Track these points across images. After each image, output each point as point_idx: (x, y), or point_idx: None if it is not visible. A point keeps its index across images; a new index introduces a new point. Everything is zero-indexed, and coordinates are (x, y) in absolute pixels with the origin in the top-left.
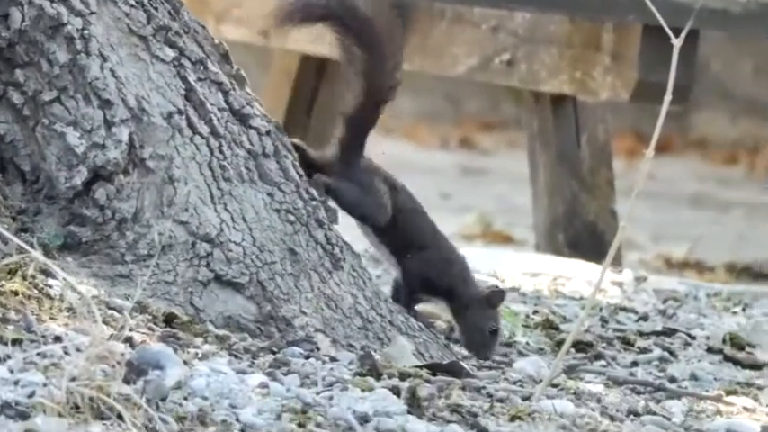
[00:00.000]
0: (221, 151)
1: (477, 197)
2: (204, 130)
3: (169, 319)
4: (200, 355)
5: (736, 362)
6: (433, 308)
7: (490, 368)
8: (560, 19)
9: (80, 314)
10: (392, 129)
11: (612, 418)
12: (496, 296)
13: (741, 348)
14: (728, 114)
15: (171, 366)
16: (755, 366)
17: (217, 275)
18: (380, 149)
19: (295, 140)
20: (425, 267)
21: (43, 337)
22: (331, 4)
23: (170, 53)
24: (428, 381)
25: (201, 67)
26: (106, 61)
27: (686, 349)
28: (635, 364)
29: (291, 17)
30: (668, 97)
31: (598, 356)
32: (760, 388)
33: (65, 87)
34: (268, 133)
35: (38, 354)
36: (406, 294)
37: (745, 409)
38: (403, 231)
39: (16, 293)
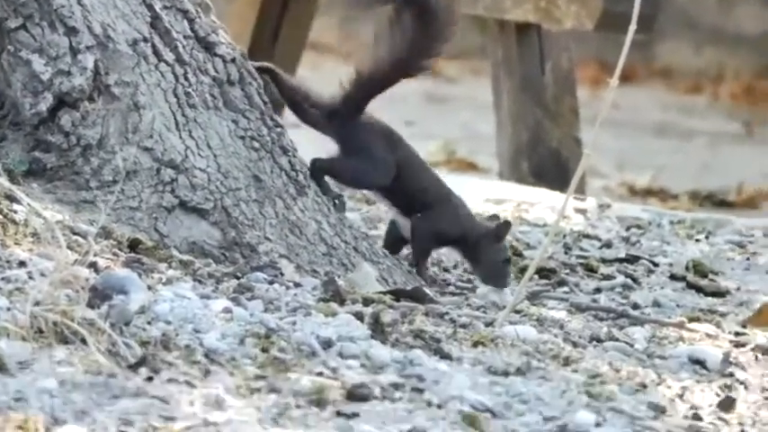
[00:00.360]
0: (186, 78)
1: (441, 125)
2: (169, 57)
3: (133, 245)
4: (164, 281)
5: (698, 289)
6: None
7: (453, 294)
8: None
9: (44, 239)
10: (355, 56)
11: (575, 345)
12: (503, 229)
13: (704, 275)
14: (693, 44)
15: (135, 291)
16: (718, 293)
17: (181, 201)
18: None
19: (267, 64)
20: (437, 224)
21: (8, 262)
22: None
23: None
24: (391, 306)
25: None
26: None
27: (649, 276)
28: (598, 290)
29: (360, 3)
30: (633, 26)
31: (561, 283)
32: (722, 315)
33: (30, 15)
34: (233, 61)
35: (2, 278)
36: (417, 251)
37: (708, 335)
38: (404, 182)
39: None
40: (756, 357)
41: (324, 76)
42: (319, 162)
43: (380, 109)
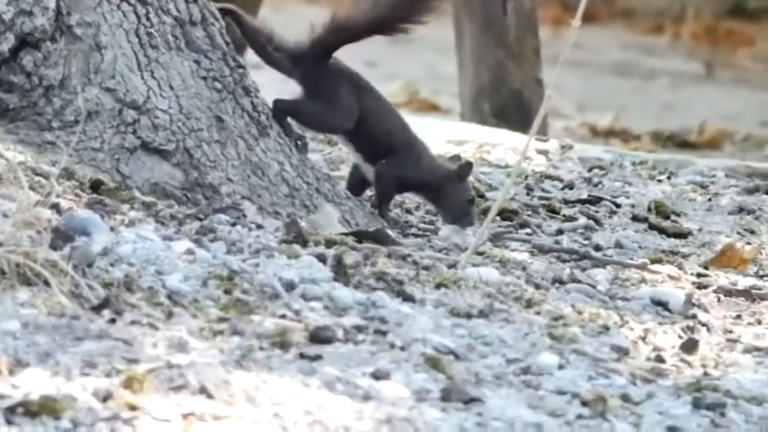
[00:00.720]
0: (148, 18)
1: (403, 65)
2: None
3: (96, 186)
4: (126, 222)
5: (661, 230)
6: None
7: (415, 236)
8: None
9: (7, 180)
10: None
11: (538, 286)
12: (465, 170)
13: (666, 217)
14: None
15: (98, 233)
16: (680, 234)
17: (143, 142)
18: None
19: (230, 6)
20: (401, 170)
21: None
22: None
23: None
24: (354, 248)
25: None
26: None
27: (611, 217)
28: (560, 232)
29: None
30: None
31: (523, 224)
32: (684, 256)
33: None
34: (195, 1)
35: None
36: (380, 196)
37: (670, 277)
38: (369, 126)
39: None
40: (719, 299)
41: (287, 19)
42: (281, 103)
43: (342, 49)
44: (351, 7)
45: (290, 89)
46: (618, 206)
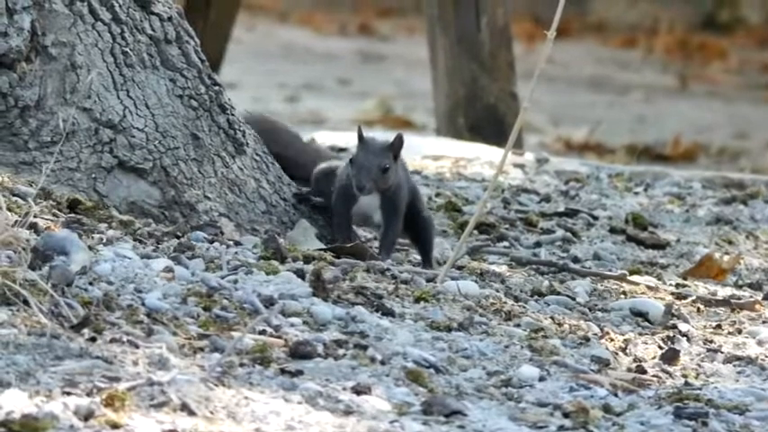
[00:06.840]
0: (123, 37)
1: (376, 83)
2: (106, 16)
3: (73, 205)
4: (104, 241)
5: (638, 242)
6: None
7: (395, 251)
8: None
9: None
10: (288, 15)
11: (517, 299)
12: None
13: (644, 228)
14: None
15: (76, 252)
16: (658, 246)
17: (120, 161)
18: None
19: None
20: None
21: None
22: None
23: None
24: (332, 263)
25: None
26: None
27: (589, 230)
28: (538, 245)
29: None
30: None
31: (501, 238)
32: (663, 267)
33: None
34: (170, 19)
35: None
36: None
37: (649, 288)
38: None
39: None
40: (698, 309)
41: (258, 38)
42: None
43: (314, 69)
44: None
45: (262, 108)
46: (595, 218)
